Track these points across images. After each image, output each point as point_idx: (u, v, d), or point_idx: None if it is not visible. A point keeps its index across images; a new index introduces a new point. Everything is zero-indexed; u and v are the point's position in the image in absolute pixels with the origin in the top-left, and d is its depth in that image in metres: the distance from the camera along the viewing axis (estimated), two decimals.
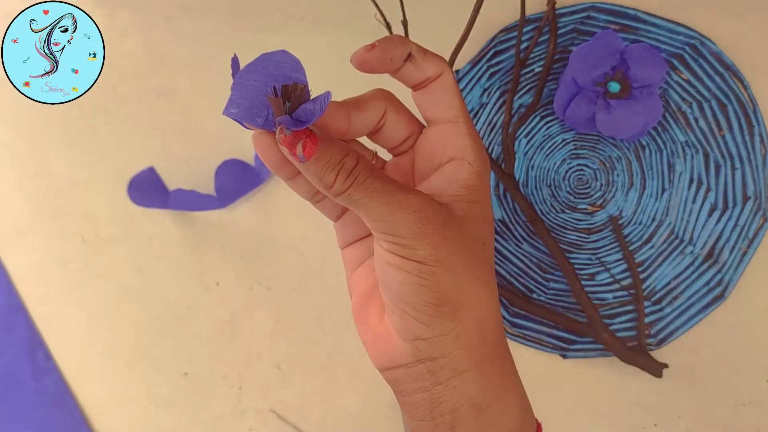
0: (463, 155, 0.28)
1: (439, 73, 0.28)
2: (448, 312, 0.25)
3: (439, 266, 0.25)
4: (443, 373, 0.26)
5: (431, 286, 0.25)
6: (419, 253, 0.25)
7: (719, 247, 0.53)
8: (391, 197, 0.25)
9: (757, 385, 0.53)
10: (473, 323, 0.26)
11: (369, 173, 0.25)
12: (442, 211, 0.26)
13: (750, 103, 0.53)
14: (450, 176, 0.27)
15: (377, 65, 0.27)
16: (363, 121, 0.28)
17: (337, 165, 0.24)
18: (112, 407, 0.57)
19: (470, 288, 0.26)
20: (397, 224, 0.25)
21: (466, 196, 0.27)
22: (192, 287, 0.57)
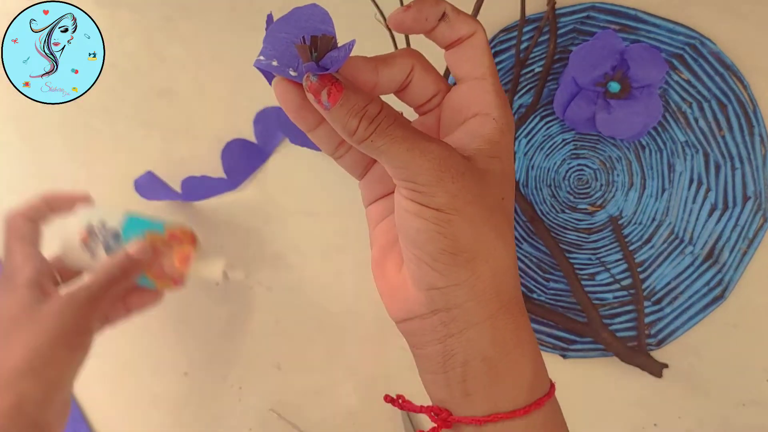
0: (488, 111, 0.28)
1: (472, 32, 0.28)
2: (463, 261, 0.26)
3: (455, 214, 0.25)
4: (456, 324, 0.26)
5: (447, 233, 0.25)
6: (437, 201, 0.25)
7: (719, 247, 0.53)
8: (412, 144, 0.25)
9: (757, 385, 0.53)
10: (488, 275, 0.26)
11: (392, 120, 0.25)
12: (462, 162, 0.26)
13: (750, 103, 0.53)
14: (474, 131, 0.28)
15: (413, 25, 0.28)
16: (390, 76, 0.29)
17: (361, 111, 0.25)
18: (112, 407, 0.57)
19: (486, 239, 0.26)
20: (416, 170, 0.25)
21: (488, 150, 0.27)
22: (192, 287, 0.57)
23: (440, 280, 0.26)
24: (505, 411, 0.27)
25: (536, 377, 0.28)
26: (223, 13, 0.58)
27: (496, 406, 0.27)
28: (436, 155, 0.25)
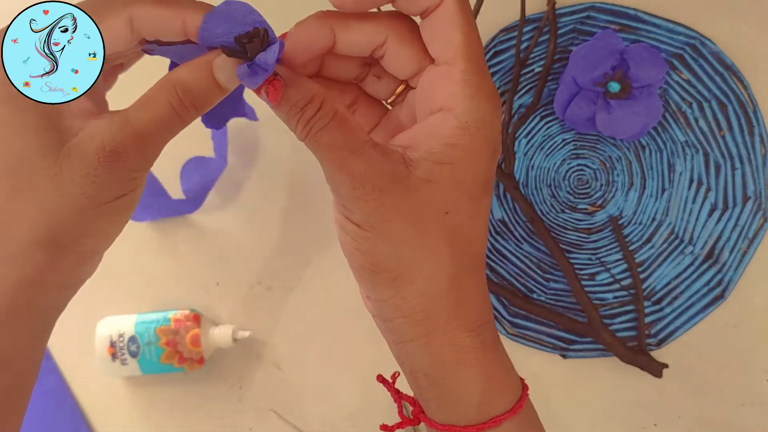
0: (450, 106, 0.24)
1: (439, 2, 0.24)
2: (385, 280, 0.25)
3: (372, 232, 0.24)
4: (394, 335, 0.26)
5: (364, 250, 0.24)
6: (355, 217, 0.24)
7: (719, 247, 0.53)
8: (335, 155, 0.23)
9: (757, 385, 0.53)
10: (414, 296, 0.25)
11: (323, 124, 0.23)
12: (386, 175, 0.23)
13: (750, 103, 0.53)
14: (431, 129, 0.25)
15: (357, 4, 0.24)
16: (351, 42, 0.25)
17: (299, 112, 0.24)
18: (112, 407, 0.57)
19: (410, 259, 0.24)
20: (337, 184, 0.24)
21: (439, 155, 0.24)
22: (192, 287, 0.57)
23: (369, 293, 0.26)
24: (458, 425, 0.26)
25: (487, 396, 0.26)
26: None
27: (450, 419, 0.26)
28: (353, 170, 0.23)
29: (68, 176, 0.23)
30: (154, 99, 0.24)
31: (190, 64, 0.25)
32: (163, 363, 0.54)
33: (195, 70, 0.24)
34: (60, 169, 0.23)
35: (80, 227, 0.24)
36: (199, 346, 0.53)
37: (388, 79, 0.28)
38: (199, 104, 0.25)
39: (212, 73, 0.24)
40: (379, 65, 0.28)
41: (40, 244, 0.24)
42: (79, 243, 0.25)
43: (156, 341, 0.53)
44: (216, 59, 0.24)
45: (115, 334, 0.53)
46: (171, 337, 0.53)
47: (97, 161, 0.23)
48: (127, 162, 0.24)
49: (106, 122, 0.24)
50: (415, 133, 0.25)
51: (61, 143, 0.23)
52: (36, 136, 0.23)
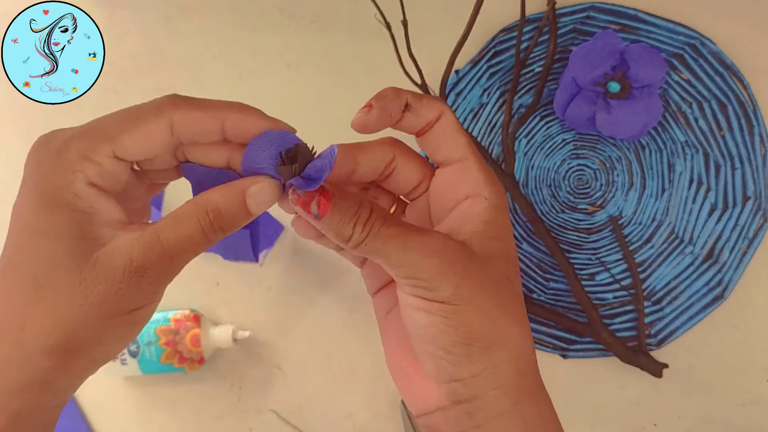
0: (478, 191, 0.27)
1: (438, 115, 0.28)
2: (479, 350, 0.25)
3: (463, 304, 0.25)
4: (481, 414, 0.25)
5: (457, 325, 0.25)
6: (442, 294, 0.25)
7: (719, 247, 0.53)
8: (408, 241, 0.25)
9: (757, 385, 0.53)
10: (508, 361, 0.25)
11: (383, 220, 0.25)
12: (461, 249, 0.25)
13: (750, 103, 0.53)
14: (466, 213, 0.27)
15: (378, 124, 0.27)
16: (370, 163, 0.28)
17: (353, 217, 0.25)
18: (112, 407, 0.57)
19: (501, 325, 0.25)
20: (416, 267, 0.25)
21: (485, 231, 0.26)
22: (192, 288, 0.57)
23: (459, 372, 0.25)
24: None
25: None
26: (223, 13, 0.58)
27: None
28: (434, 248, 0.25)
29: (91, 286, 0.24)
30: (185, 219, 0.25)
31: (224, 189, 0.26)
32: (163, 363, 0.54)
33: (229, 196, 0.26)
34: (84, 279, 0.24)
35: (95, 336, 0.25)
36: (199, 346, 0.53)
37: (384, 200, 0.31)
38: (227, 227, 0.26)
39: (244, 200, 0.26)
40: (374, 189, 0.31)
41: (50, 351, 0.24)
42: (92, 350, 0.25)
43: (156, 341, 0.53)
44: (250, 187, 0.26)
45: None
46: (171, 337, 0.53)
47: (122, 275, 0.24)
48: (152, 278, 0.25)
49: (136, 237, 0.25)
50: (453, 221, 0.27)
51: (89, 252, 0.24)
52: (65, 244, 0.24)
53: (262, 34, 0.58)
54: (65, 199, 0.24)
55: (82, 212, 0.24)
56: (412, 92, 0.28)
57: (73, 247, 0.24)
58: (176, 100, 0.26)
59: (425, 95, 0.28)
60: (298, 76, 0.57)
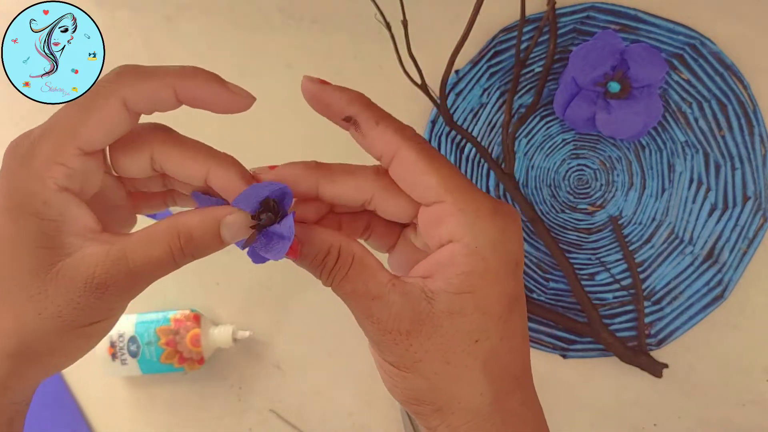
0: (457, 237, 0.24)
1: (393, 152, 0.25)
2: (427, 411, 0.25)
3: (407, 371, 0.25)
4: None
5: (403, 388, 0.25)
6: (389, 358, 0.25)
7: (719, 247, 0.53)
8: (359, 302, 0.25)
9: (757, 385, 0.53)
10: (459, 423, 0.25)
11: (345, 272, 0.25)
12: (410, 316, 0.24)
13: (750, 103, 0.53)
14: (441, 260, 0.25)
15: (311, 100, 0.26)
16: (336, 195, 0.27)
17: (320, 265, 0.25)
18: (112, 407, 0.57)
19: (447, 392, 0.25)
20: (365, 328, 0.25)
21: (457, 285, 0.24)
22: (192, 288, 0.57)
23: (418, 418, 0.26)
24: None
25: None
26: (223, 13, 0.58)
27: None
28: (377, 318, 0.24)
29: (50, 298, 0.24)
30: (156, 241, 0.25)
31: (199, 215, 0.25)
32: (163, 363, 0.54)
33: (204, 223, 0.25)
34: (45, 290, 0.24)
35: (51, 346, 0.25)
36: (199, 346, 0.53)
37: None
38: (197, 254, 0.26)
39: (218, 229, 0.25)
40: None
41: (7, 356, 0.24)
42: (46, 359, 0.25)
43: (156, 341, 0.53)
44: (227, 217, 0.25)
45: (115, 334, 0.53)
46: (171, 337, 0.53)
47: (83, 289, 0.24)
48: (113, 295, 0.24)
49: (103, 252, 0.24)
50: (432, 264, 0.25)
51: (53, 262, 0.24)
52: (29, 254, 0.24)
53: (262, 34, 0.58)
54: (34, 207, 0.24)
55: (50, 221, 0.24)
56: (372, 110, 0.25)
57: (36, 256, 0.24)
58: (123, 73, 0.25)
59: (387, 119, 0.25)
60: (298, 76, 0.57)
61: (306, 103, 0.27)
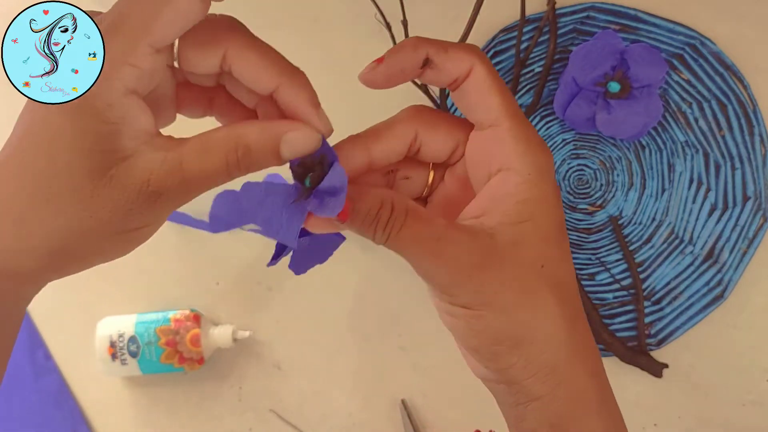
0: (509, 164, 0.25)
1: (467, 70, 0.25)
2: (506, 350, 0.25)
3: (484, 309, 0.24)
4: (520, 396, 0.26)
5: (480, 329, 0.24)
6: (461, 299, 0.24)
7: (719, 247, 0.53)
8: (423, 248, 0.24)
9: (757, 385, 0.53)
10: (537, 354, 0.25)
11: (402, 221, 0.24)
12: (479, 251, 0.24)
13: (750, 103, 0.53)
14: (494, 193, 0.25)
15: (387, 82, 0.25)
16: (387, 151, 0.27)
17: (373, 221, 0.24)
18: (112, 407, 0.57)
19: (525, 323, 0.24)
20: (432, 274, 0.24)
21: (514, 214, 0.24)
22: (192, 288, 0.57)
23: (491, 366, 0.25)
24: None
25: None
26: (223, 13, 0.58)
27: None
28: (446, 256, 0.24)
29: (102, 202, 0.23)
30: (213, 150, 0.24)
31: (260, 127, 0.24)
32: (163, 363, 0.54)
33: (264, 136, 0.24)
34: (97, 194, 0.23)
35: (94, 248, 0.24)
36: (199, 346, 0.54)
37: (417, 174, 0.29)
38: (252, 168, 0.25)
39: (278, 144, 0.24)
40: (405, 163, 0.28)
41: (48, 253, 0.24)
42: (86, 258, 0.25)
43: (156, 341, 0.53)
44: (288, 133, 0.24)
45: (115, 334, 0.54)
46: (171, 337, 0.53)
47: (136, 196, 0.23)
48: (165, 202, 0.24)
49: (159, 159, 0.23)
50: (482, 201, 0.25)
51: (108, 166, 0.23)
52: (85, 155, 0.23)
53: (262, 34, 0.57)
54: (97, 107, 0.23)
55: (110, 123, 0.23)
56: (437, 43, 0.25)
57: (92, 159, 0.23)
58: None
59: (452, 45, 0.25)
60: None
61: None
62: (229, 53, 0.25)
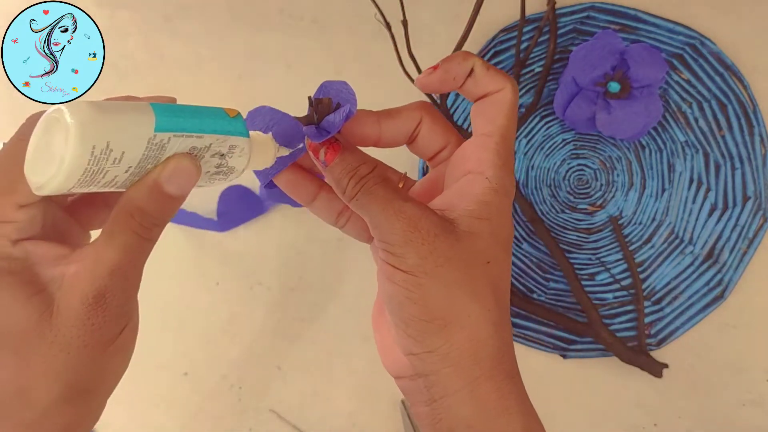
0: (482, 169, 0.27)
1: (498, 89, 0.28)
2: (435, 328, 0.25)
3: (425, 278, 0.25)
4: (436, 390, 0.26)
5: (417, 299, 0.25)
6: (407, 262, 0.25)
7: (719, 247, 0.53)
8: (388, 204, 0.26)
9: (757, 385, 0.53)
10: (464, 342, 0.25)
11: (377, 181, 0.26)
12: (438, 223, 0.25)
13: (750, 103, 0.53)
14: (464, 189, 0.27)
15: (440, 86, 0.28)
16: (395, 128, 0.29)
17: (353, 170, 0.26)
18: (112, 407, 0.57)
19: (461, 305, 0.25)
20: (388, 230, 0.25)
21: (476, 210, 0.26)
22: (192, 287, 0.57)
23: (414, 346, 0.26)
24: None
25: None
26: (223, 13, 0.58)
27: None
28: (408, 215, 0.25)
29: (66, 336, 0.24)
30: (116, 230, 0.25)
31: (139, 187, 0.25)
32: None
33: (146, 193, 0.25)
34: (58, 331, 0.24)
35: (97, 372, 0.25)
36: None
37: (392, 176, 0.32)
38: (160, 221, 0.25)
39: (163, 190, 0.25)
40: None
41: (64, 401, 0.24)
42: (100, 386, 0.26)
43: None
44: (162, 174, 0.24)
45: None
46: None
47: (86, 312, 0.24)
48: (114, 299, 0.24)
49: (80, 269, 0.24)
50: (449, 196, 0.27)
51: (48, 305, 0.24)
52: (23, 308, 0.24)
53: (262, 34, 0.58)
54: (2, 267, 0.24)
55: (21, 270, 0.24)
56: (483, 61, 0.28)
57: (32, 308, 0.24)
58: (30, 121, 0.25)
59: (494, 67, 0.29)
60: (298, 76, 0.57)
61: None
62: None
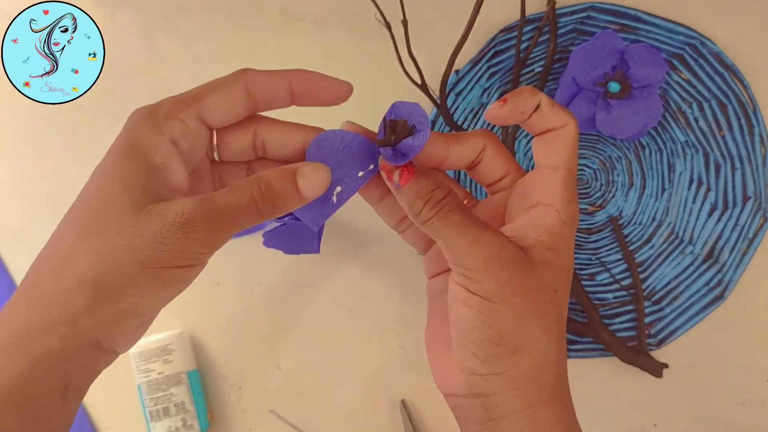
0: (552, 201, 0.28)
1: (563, 125, 0.29)
2: (505, 352, 0.26)
3: (501, 304, 0.26)
4: (495, 410, 0.26)
5: (491, 323, 0.26)
6: (484, 288, 0.26)
7: (719, 247, 0.53)
8: (467, 230, 0.26)
9: (757, 385, 0.53)
10: (529, 367, 0.26)
11: (453, 206, 0.27)
12: (514, 252, 0.26)
13: (750, 103, 0.53)
14: (535, 220, 0.28)
15: (509, 118, 0.29)
16: (460, 153, 0.30)
17: (427, 195, 0.27)
18: (112, 407, 0.57)
19: (531, 332, 0.26)
20: (467, 257, 0.26)
21: (547, 242, 0.27)
22: (192, 287, 0.57)
23: (481, 368, 0.26)
24: None
25: None
26: (223, 13, 0.58)
27: None
28: (488, 243, 0.26)
29: (140, 230, 0.25)
30: (238, 188, 0.27)
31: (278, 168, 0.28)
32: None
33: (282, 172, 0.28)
34: (137, 223, 0.25)
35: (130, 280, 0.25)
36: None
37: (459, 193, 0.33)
38: (277, 201, 0.27)
39: (294, 178, 0.27)
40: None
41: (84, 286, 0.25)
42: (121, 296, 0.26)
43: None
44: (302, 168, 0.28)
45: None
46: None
47: (172, 224, 0.25)
48: (199, 235, 0.26)
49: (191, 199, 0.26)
50: (520, 226, 0.28)
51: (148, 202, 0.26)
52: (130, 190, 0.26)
53: (262, 34, 0.58)
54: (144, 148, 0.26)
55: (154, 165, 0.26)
56: (548, 97, 0.29)
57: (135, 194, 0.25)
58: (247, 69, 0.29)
59: (558, 104, 0.30)
60: None
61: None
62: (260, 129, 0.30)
